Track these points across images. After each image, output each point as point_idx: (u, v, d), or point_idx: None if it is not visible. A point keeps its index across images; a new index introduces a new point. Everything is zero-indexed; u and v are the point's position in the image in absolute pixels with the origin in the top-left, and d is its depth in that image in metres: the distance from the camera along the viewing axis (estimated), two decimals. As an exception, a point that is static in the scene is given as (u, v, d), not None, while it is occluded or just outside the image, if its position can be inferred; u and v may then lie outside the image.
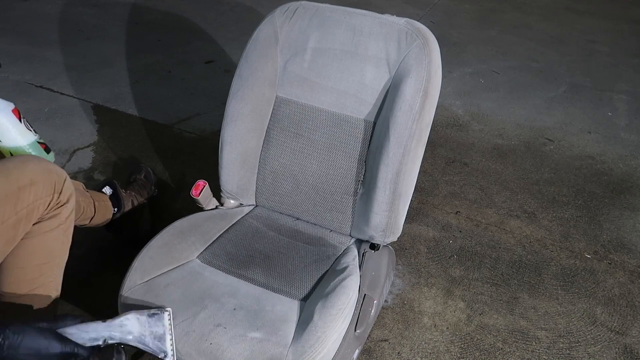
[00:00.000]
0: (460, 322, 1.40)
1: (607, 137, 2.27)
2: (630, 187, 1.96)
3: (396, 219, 1.19)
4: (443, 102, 2.47)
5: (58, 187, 1.05)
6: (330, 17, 1.23)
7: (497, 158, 2.10)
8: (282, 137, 1.30)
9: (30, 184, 0.99)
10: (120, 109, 2.34)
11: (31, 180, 1.00)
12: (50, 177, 1.03)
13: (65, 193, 1.07)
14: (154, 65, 2.75)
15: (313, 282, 1.12)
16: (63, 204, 1.08)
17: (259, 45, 1.25)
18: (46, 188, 1.02)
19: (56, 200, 1.05)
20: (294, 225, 1.32)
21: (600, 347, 1.35)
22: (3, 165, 0.99)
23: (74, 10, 3.42)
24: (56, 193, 1.05)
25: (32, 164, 1.02)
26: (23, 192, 0.98)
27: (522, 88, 2.66)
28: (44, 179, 1.02)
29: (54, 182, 1.04)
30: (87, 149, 2.04)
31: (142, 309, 0.91)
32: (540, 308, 1.45)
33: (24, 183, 0.98)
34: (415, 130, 1.12)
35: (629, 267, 1.60)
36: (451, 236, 1.69)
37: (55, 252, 1.10)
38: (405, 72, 1.13)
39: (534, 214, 1.80)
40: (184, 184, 1.87)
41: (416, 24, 1.17)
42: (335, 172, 1.26)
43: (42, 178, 1.02)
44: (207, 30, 3.19)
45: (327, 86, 1.24)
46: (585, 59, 3.01)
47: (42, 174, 1.02)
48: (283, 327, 0.99)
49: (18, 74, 2.59)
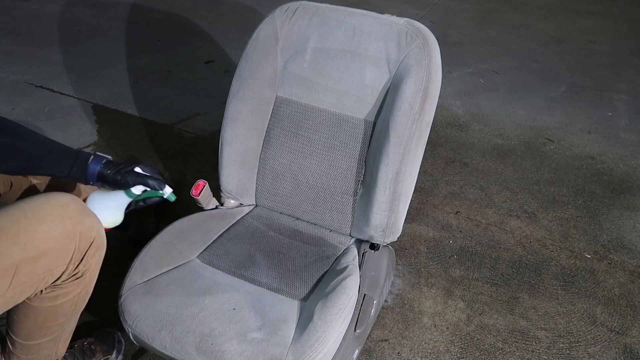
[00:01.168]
0: (460, 322, 1.40)
1: (607, 137, 2.27)
2: (630, 187, 1.96)
3: (396, 219, 1.19)
4: (443, 102, 2.47)
5: (77, 257, 0.84)
6: (330, 17, 1.22)
7: (497, 158, 2.10)
8: (282, 137, 1.30)
9: (39, 255, 0.79)
10: (120, 109, 2.34)
11: (42, 250, 0.80)
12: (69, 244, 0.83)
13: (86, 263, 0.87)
14: (154, 65, 2.75)
15: (313, 282, 1.12)
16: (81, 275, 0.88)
17: (259, 45, 1.25)
18: (60, 258, 0.82)
19: (72, 271, 0.86)
20: (294, 225, 1.32)
21: (600, 347, 1.35)
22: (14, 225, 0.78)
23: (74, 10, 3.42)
24: (72, 264, 0.84)
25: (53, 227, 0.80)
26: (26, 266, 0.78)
27: (522, 88, 2.66)
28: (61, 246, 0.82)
29: (74, 250, 0.83)
30: (87, 149, 2.03)
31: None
32: (540, 308, 1.45)
33: (30, 255, 0.79)
34: (415, 130, 1.12)
35: (629, 267, 1.60)
36: (451, 236, 1.69)
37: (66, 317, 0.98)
38: (405, 72, 1.13)
39: (534, 214, 1.80)
40: (184, 184, 1.87)
41: (416, 24, 1.17)
42: (335, 172, 1.26)
43: (59, 245, 0.81)
44: (207, 30, 3.19)
45: (327, 86, 1.24)
46: (585, 59, 3.01)
47: (60, 240, 0.81)
48: (283, 327, 0.99)
49: (18, 74, 2.59)
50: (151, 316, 1.00)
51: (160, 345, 0.98)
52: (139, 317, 1.00)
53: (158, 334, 0.98)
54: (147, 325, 0.99)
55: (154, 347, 0.99)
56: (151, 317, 1.00)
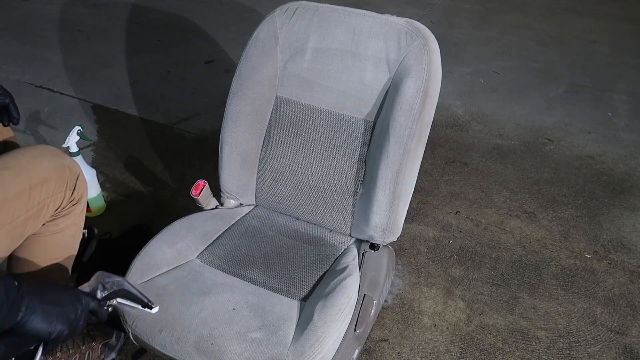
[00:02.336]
0: (460, 322, 1.40)
1: (607, 137, 2.27)
2: (630, 187, 1.96)
3: (396, 219, 1.19)
4: (443, 102, 2.47)
5: (71, 184, 1.02)
6: (330, 17, 1.23)
7: (497, 158, 2.10)
8: (282, 137, 1.30)
9: (42, 181, 0.96)
10: (120, 109, 2.34)
11: (44, 177, 0.96)
12: (63, 174, 1.00)
13: (78, 190, 1.04)
14: (154, 65, 2.75)
15: (313, 282, 1.12)
16: (77, 202, 1.05)
17: (259, 45, 1.25)
18: (58, 185, 0.99)
19: (69, 197, 1.02)
20: (294, 225, 1.32)
21: (600, 347, 1.35)
22: (16, 161, 0.95)
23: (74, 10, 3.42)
24: (69, 190, 1.01)
25: (46, 161, 0.98)
26: (34, 190, 0.94)
27: (522, 88, 2.66)
28: (57, 175, 0.99)
29: (67, 179, 1.01)
30: (87, 149, 2.03)
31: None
32: (540, 308, 1.45)
33: (36, 181, 0.95)
34: (415, 130, 1.12)
35: (629, 267, 1.60)
36: (451, 236, 1.69)
37: (67, 248, 1.10)
38: (405, 72, 1.13)
39: (534, 214, 1.80)
40: (184, 184, 1.87)
41: (416, 24, 1.17)
42: (335, 172, 1.26)
43: (55, 175, 0.98)
44: (207, 30, 3.19)
45: (327, 86, 1.24)
46: (585, 59, 3.01)
47: (55, 170, 0.98)
48: (283, 327, 0.99)
49: (18, 74, 2.59)
50: (151, 316, 1.00)
51: (160, 345, 0.98)
52: (139, 317, 1.00)
53: (158, 334, 0.98)
54: (147, 325, 0.99)
55: (154, 347, 0.99)
56: (151, 317, 0.99)
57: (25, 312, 0.70)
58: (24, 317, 0.70)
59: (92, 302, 0.81)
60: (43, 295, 0.73)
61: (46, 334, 0.72)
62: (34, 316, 0.71)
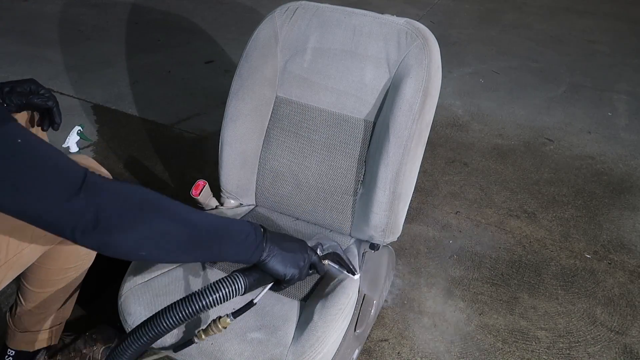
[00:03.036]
0: (460, 322, 1.40)
1: (607, 137, 2.27)
2: (630, 187, 1.96)
3: (396, 219, 1.19)
4: (443, 102, 2.47)
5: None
6: (330, 17, 1.22)
7: (497, 158, 2.10)
8: (282, 137, 1.30)
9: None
10: (120, 109, 2.34)
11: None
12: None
13: None
14: (154, 65, 2.75)
15: (313, 282, 1.12)
16: None
17: (259, 45, 1.25)
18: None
19: None
20: (294, 225, 1.32)
21: (600, 347, 1.35)
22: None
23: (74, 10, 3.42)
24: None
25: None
26: None
27: (522, 88, 2.66)
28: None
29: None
30: (87, 149, 2.04)
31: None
32: (540, 308, 1.45)
33: None
34: (415, 130, 1.12)
35: (628, 267, 1.60)
36: (451, 236, 1.69)
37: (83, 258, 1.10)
38: (405, 72, 1.13)
39: (534, 214, 1.80)
40: (184, 184, 1.87)
41: (416, 24, 1.17)
42: (335, 172, 1.26)
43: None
44: (207, 30, 3.19)
45: (327, 86, 1.24)
46: (585, 59, 3.01)
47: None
48: (283, 327, 0.99)
49: (18, 74, 2.59)
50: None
51: (160, 345, 0.98)
52: (139, 317, 1.00)
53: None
54: (147, 325, 0.99)
55: (154, 347, 0.99)
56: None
57: (267, 253, 0.83)
58: (267, 257, 0.83)
59: (314, 256, 0.93)
60: (281, 242, 0.86)
61: (282, 274, 0.85)
62: (273, 258, 0.84)
